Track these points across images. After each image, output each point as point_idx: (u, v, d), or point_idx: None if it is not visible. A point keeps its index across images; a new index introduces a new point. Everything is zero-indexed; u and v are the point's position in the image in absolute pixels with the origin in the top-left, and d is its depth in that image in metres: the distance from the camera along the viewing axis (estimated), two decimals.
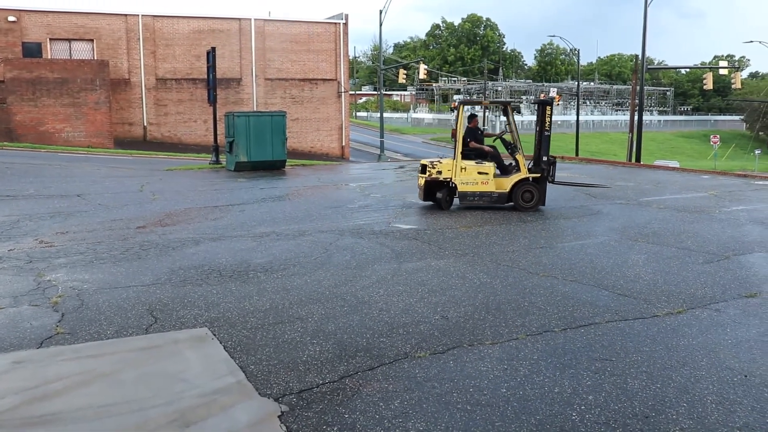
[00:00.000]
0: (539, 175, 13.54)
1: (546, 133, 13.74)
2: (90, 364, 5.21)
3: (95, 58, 36.28)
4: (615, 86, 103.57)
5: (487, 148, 13.85)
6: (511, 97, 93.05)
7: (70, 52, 36.50)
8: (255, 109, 38.43)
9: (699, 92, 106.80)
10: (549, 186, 13.84)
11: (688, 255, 9.48)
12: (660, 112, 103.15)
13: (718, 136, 57.70)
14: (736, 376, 5.13)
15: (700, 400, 4.69)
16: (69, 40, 36.53)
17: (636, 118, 33.83)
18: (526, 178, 13.49)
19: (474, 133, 13.98)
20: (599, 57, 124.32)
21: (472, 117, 14.34)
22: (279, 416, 4.37)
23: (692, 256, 9.39)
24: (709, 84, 41.17)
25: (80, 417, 4.29)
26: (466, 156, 13.51)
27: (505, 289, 7.52)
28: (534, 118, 15.44)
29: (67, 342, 5.69)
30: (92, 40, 36.81)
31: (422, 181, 13.64)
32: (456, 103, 14.44)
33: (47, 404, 4.47)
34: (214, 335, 5.88)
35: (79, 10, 36.55)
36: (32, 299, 6.90)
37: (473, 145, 13.68)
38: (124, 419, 4.27)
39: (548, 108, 13.82)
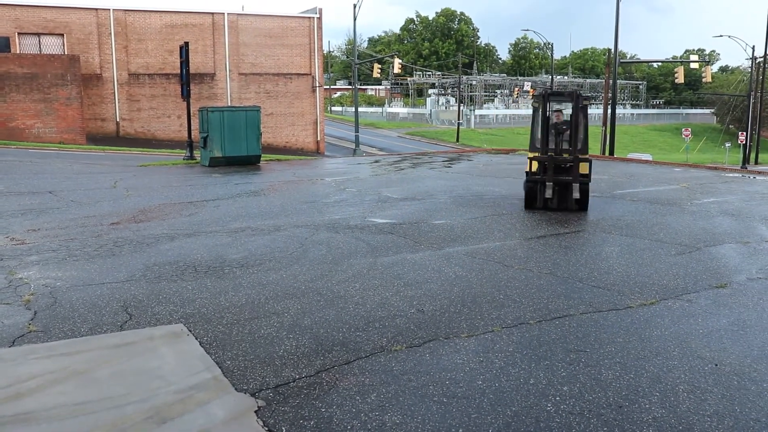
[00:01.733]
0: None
1: None
2: (64, 361, 5.15)
3: (66, 53, 35.75)
4: (588, 80, 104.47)
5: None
6: (485, 92, 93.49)
7: (40, 47, 35.94)
8: (229, 104, 38.19)
9: (671, 86, 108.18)
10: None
11: (660, 247, 9.62)
12: (633, 106, 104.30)
13: (690, 129, 58.44)
14: (707, 365, 5.23)
15: (672, 389, 4.77)
16: (38, 34, 35.96)
17: (609, 111, 34.16)
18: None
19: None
20: (573, 51, 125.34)
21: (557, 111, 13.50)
22: (256, 411, 4.37)
23: (664, 248, 9.53)
24: (680, 78, 41.68)
25: (55, 416, 4.25)
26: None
27: (481, 282, 7.57)
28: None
29: (40, 340, 5.62)
30: (62, 35, 36.28)
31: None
32: (535, 94, 13.92)
33: (20, 403, 4.42)
34: (190, 331, 5.84)
35: (48, 3, 35.97)
36: (3, 297, 6.80)
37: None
38: (100, 417, 4.24)
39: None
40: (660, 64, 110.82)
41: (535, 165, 12.62)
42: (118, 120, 37.69)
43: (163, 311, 6.41)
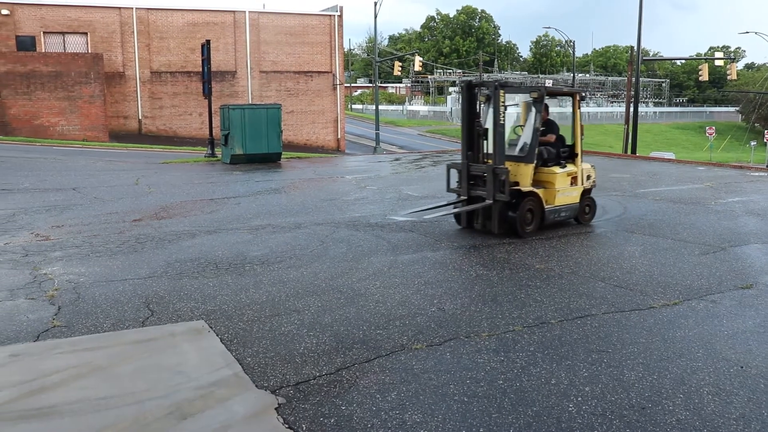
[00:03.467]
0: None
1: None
2: (87, 357, 5.20)
3: (89, 51, 36.11)
4: (610, 78, 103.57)
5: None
6: None
7: (64, 46, 36.33)
8: (250, 102, 38.33)
9: (695, 84, 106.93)
10: None
11: (684, 246, 9.50)
12: (655, 104, 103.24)
13: (714, 127, 57.75)
14: (733, 367, 5.15)
15: (697, 392, 4.71)
16: (63, 33, 36.35)
17: (632, 109, 33.85)
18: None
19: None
20: (595, 48, 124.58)
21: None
22: (276, 408, 4.37)
23: (688, 248, 9.41)
24: (704, 75, 41.16)
25: (78, 410, 4.28)
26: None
27: (502, 281, 7.53)
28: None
29: (64, 335, 5.68)
30: (86, 34, 36.63)
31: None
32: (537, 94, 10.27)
33: (44, 397, 4.47)
34: (211, 328, 5.87)
35: (72, 3, 36.32)
36: (29, 292, 6.88)
37: (544, 139, 10.58)
38: (122, 412, 4.26)
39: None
40: (684, 61, 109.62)
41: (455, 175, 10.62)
42: (140, 117, 38.00)
43: (185, 308, 6.45)
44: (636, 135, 33.18)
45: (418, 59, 50.86)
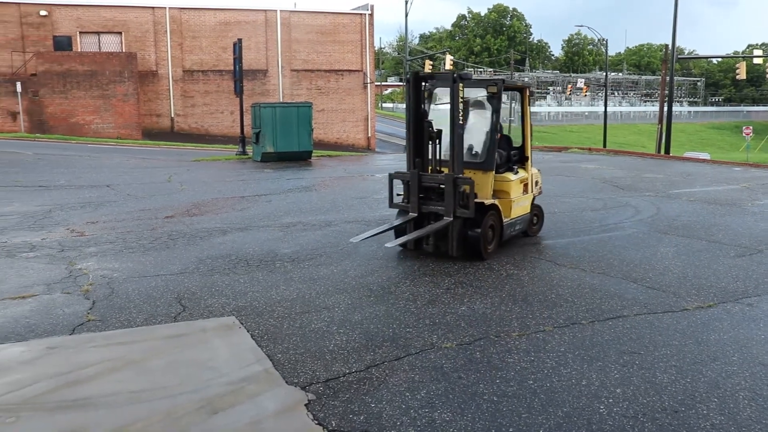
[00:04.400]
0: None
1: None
2: (120, 351, 5.28)
3: (123, 50, 36.64)
4: (644, 77, 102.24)
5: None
6: (537, 89, 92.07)
7: (99, 45, 36.90)
8: (281, 100, 38.55)
9: (731, 82, 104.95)
10: (578, 176, 13.48)
11: (719, 248, 9.34)
12: (690, 103, 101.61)
13: (751, 127, 56.58)
14: None
15: (732, 396, 4.62)
16: (98, 33, 36.93)
17: (665, 108, 33.36)
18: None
19: None
20: (628, 47, 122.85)
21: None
22: (306, 404, 4.40)
23: (723, 250, 9.25)
24: (742, 74, 40.42)
25: (112, 402, 4.36)
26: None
27: (532, 281, 7.48)
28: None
29: (98, 329, 5.78)
30: (120, 33, 37.17)
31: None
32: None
33: (80, 389, 4.55)
34: (242, 324, 5.92)
35: (107, 3, 36.89)
36: (64, 287, 7.01)
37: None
38: (154, 405, 4.33)
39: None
40: (720, 59, 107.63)
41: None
42: (172, 116, 38.45)
43: (216, 303, 6.51)
44: (670, 135, 32.71)
45: (449, 58, 50.72)
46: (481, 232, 8.30)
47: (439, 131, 8.42)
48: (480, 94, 9.10)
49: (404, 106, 10.18)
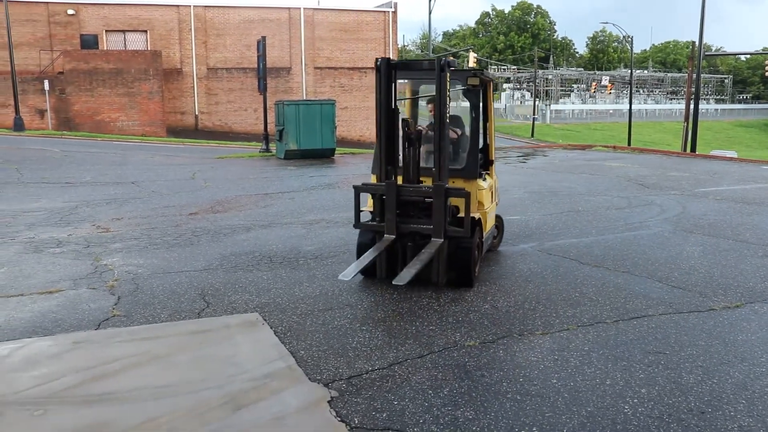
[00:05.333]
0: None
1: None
2: (145, 346, 5.33)
3: (149, 48, 37.00)
4: (669, 74, 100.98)
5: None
6: (561, 86, 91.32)
7: (125, 43, 37.29)
8: (304, 98, 38.67)
9: (760, 79, 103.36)
10: (602, 174, 13.31)
11: (746, 248, 9.20)
12: (717, 101, 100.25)
13: None
14: None
15: (760, 397, 4.55)
16: (124, 31, 37.32)
17: (692, 106, 32.93)
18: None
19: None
20: (653, 44, 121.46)
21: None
22: (328, 401, 4.40)
23: (751, 249, 9.11)
24: None
25: (137, 397, 4.40)
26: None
27: (556, 280, 7.42)
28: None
29: (123, 324, 5.84)
30: (146, 31, 37.53)
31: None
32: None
33: (105, 383, 4.60)
34: (265, 320, 5.95)
35: (133, 2, 37.26)
36: (90, 282, 7.10)
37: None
38: (179, 400, 4.36)
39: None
40: (748, 56, 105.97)
41: (370, 200, 7.29)
42: (196, 113, 38.75)
43: (239, 300, 6.55)
44: (696, 133, 32.30)
45: (472, 55, 50.48)
46: (472, 253, 6.97)
47: (419, 132, 7.01)
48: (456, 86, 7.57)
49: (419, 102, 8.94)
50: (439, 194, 6.62)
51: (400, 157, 7.08)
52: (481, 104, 7.60)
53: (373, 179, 7.41)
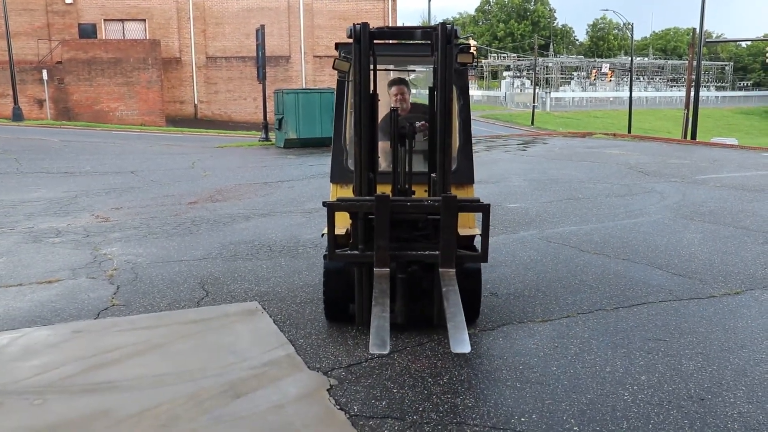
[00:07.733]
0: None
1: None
2: (144, 335, 5.33)
3: (147, 37, 36.87)
4: (670, 61, 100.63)
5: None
6: (561, 74, 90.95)
7: (124, 33, 37.18)
8: (304, 87, 38.56)
9: (761, 66, 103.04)
10: (602, 162, 13.27)
11: (746, 235, 9.19)
12: (717, 88, 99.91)
13: None
14: None
15: (760, 384, 4.55)
16: (122, 20, 37.20)
17: (692, 94, 32.83)
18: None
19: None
20: (654, 31, 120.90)
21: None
22: (328, 389, 4.40)
23: (751, 236, 9.10)
24: None
25: (136, 385, 4.40)
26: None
27: (556, 267, 7.41)
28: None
29: (123, 313, 5.83)
30: (144, 20, 37.41)
31: None
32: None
33: (105, 372, 4.60)
34: (264, 309, 5.94)
35: None
36: (89, 272, 7.09)
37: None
38: (178, 389, 4.36)
39: None
40: (749, 43, 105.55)
41: (343, 219, 5.30)
42: (196, 102, 38.68)
43: (239, 289, 6.54)
44: (696, 120, 32.19)
45: (472, 43, 50.27)
46: (480, 278, 5.52)
47: (412, 126, 5.50)
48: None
49: (426, 92, 5.87)
50: (450, 209, 4.72)
51: (383, 162, 5.74)
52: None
53: (338, 191, 5.82)
